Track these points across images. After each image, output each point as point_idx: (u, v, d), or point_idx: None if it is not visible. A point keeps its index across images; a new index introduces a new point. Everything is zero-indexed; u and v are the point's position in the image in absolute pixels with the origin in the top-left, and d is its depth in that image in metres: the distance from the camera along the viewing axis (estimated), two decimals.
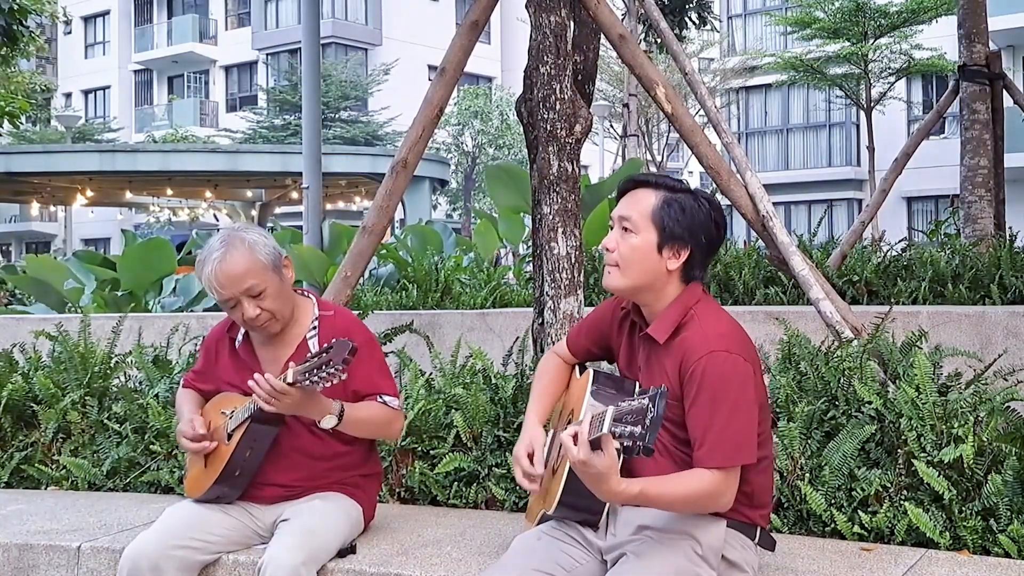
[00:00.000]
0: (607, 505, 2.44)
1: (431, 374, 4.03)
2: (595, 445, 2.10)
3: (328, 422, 2.77)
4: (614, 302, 2.64)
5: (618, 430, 2.01)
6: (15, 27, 14.50)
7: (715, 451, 2.26)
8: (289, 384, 2.64)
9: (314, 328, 2.94)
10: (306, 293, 3.05)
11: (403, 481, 3.65)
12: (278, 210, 29.16)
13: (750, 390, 2.32)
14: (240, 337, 3.00)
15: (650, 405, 1.98)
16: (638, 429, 1.98)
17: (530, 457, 2.50)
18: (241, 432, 2.82)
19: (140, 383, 4.37)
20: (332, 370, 2.57)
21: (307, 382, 2.61)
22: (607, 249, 2.42)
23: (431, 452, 3.63)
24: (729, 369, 2.30)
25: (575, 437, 2.12)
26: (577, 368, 2.72)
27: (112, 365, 4.40)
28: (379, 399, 2.92)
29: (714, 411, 2.27)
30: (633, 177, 2.47)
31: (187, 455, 3.12)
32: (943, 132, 22.53)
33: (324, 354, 2.60)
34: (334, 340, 2.62)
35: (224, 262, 2.79)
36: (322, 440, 2.91)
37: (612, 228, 2.45)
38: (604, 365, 2.78)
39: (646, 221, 2.39)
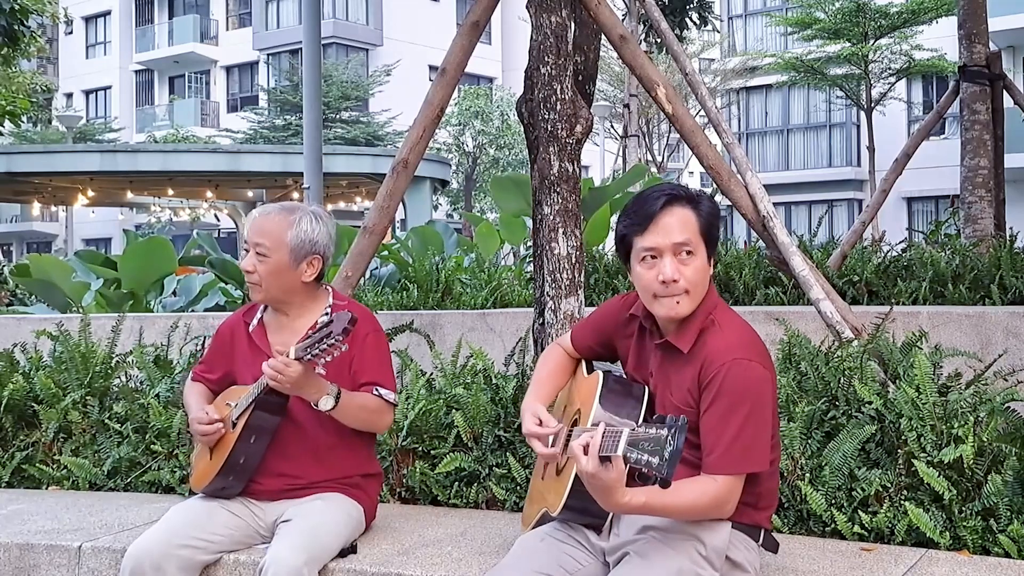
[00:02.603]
0: None
1: (432, 374, 4.03)
2: (604, 459, 2.10)
3: (325, 403, 2.79)
4: (621, 303, 2.62)
5: (633, 455, 2.00)
6: (16, 27, 14.51)
7: (726, 458, 2.27)
8: (295, 360, 2.69)
9: (326, 314, 2.97)
10: (327, 287, 3.10)
11: (404, 481, 3.65)
12: None
13: (767, 397, 2.33)
14: (255, 322, 3.05)
15: (669, 437, 1.97)
16: (655, 460, 1.97)
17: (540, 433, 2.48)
18: (245, 420, 2.85)
19: (141, 383, 4.38)
20: (333, 341, 2.63)
21: (309, 356, 2.67)
22: (672, 281, 2.33)
23: (432, 452, 3.64)
24: (748, 377, 2.30)
25: (586, 448, 2.12)
26: (584, 365, 2.71)
27: (113, 365, 4.41)
28: (375, 391, 2.94)
29: (729, 419, 2.27)
30: (656, 199, 2.34)
31: (193, 451, 3.13)
32: (943, 132, 22.52)
33: (324, 328, 2.66)
34: (333, 314, 2.67)
35: (267, 211, 2.95)
36: (324, 430, 2.93)
37: (655, 258, 2.33)
38: (608, 365, 2.77)
39: (700, 239, 2.35)
